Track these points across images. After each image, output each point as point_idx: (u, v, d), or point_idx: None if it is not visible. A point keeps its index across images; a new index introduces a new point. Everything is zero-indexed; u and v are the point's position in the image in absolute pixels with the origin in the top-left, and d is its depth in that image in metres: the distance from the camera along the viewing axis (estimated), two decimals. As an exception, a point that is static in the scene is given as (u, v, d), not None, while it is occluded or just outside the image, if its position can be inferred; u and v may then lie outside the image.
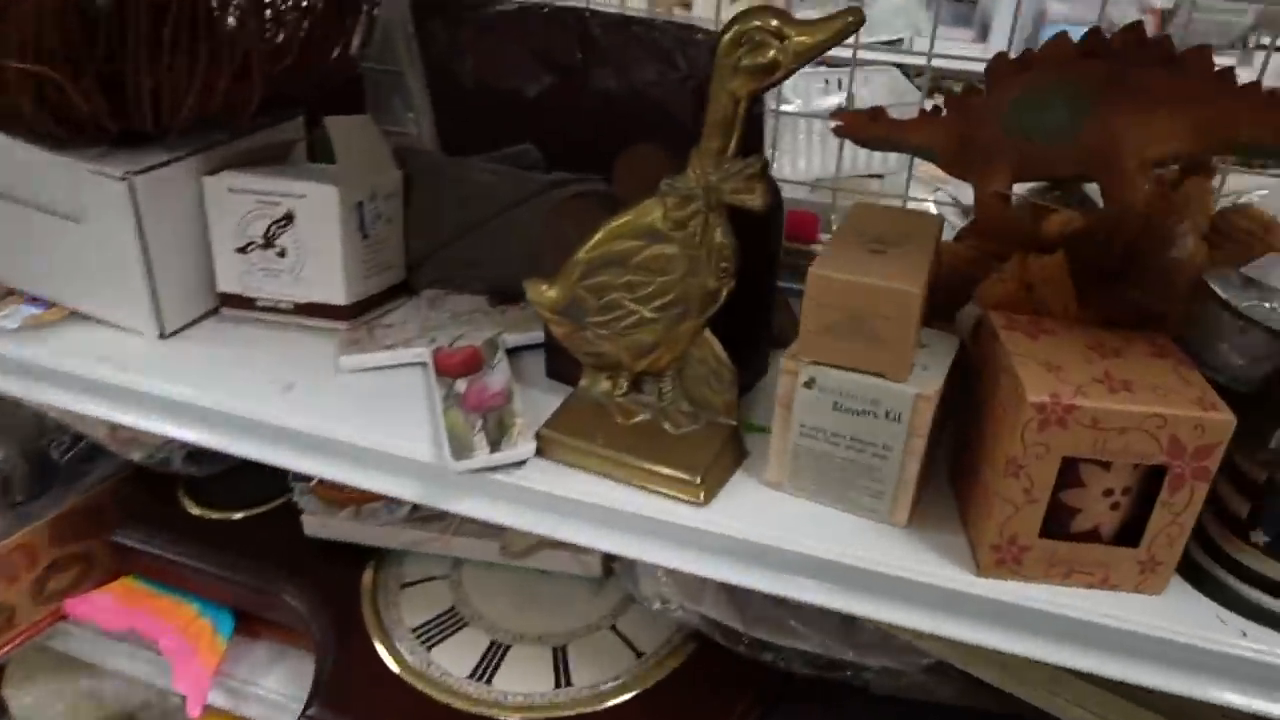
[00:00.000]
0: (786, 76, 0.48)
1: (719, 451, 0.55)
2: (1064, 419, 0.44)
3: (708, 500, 0.53)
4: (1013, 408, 0.45)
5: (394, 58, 0.83)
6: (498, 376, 0.62)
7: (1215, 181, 0.65)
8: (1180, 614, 0.48)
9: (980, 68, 0.66)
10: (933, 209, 0.89)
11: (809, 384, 0.50)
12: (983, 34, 2.50)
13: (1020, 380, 0.44)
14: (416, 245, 0.75)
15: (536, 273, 0.66)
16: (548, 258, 0.63)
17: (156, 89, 0.60)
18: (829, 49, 0.47)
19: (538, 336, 0.68)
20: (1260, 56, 2.14)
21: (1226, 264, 0.59)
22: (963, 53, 2.39)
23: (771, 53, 0.47)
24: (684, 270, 0.53)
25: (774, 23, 0.47)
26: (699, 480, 0.53)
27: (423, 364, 0.66)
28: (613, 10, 0.72)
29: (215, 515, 0.81)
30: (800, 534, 0.51)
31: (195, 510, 0.82)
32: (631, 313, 0.55)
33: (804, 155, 0.88)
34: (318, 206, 0.66)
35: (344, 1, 0.68)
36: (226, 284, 0.70)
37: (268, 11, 0.61)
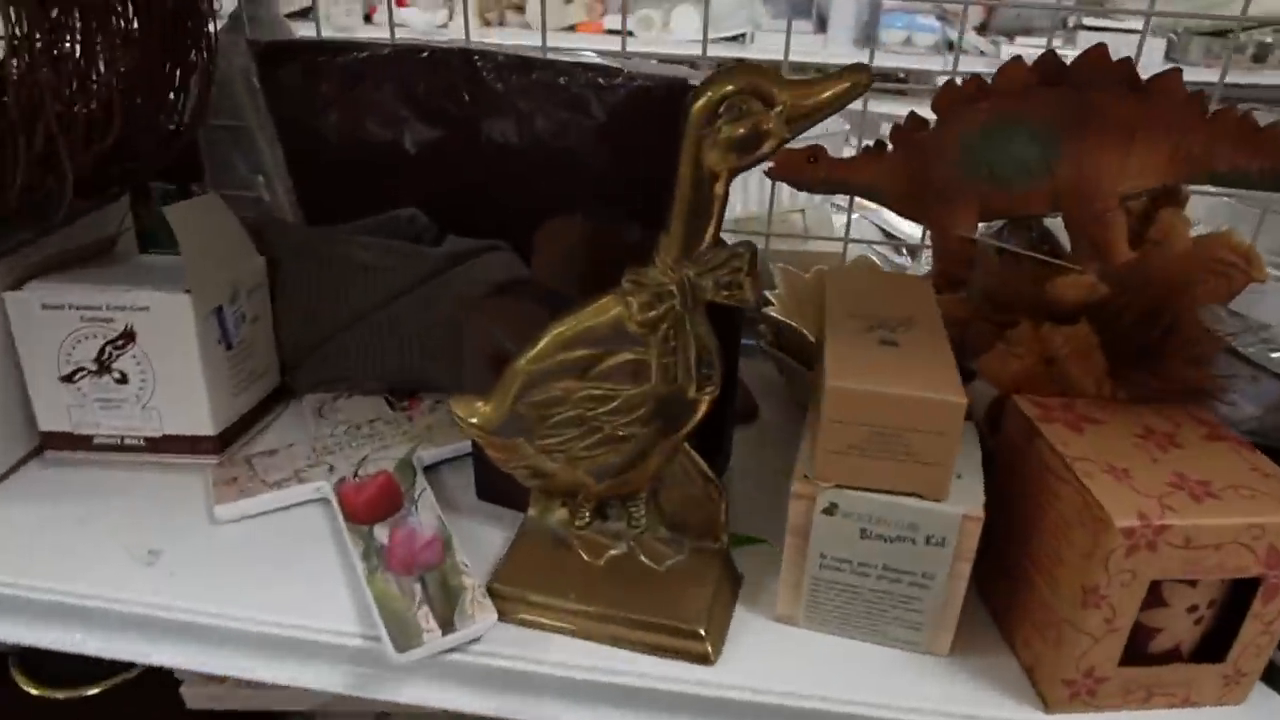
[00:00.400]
0: (778, 149, 0.39)
1: (716, 587, 0.46)
2: (1154, 542, 0.37)
3: (716, 655, 0.44)
4: (1086, 529, 0.38)
5: (234, 110, 0.69)
6: (426, 516, 0.50)
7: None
8: (1266, 725, 0.42)
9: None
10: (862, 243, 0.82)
11: (830, 510, 0.42)
12: (821, 25, 2.49)
13: (1098, 501, 0.37)
14: (292, 342, 0.62)
15: (454, 378, 0.55)
16: (470, 365, 0.52)
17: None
18: (832, 113, 0.39)
19: (461, 447, 0.57)
20: (1082, 36, 2.18)
21: (1209, 300, 0.55)
22: (802, 45, 2.39)
23: (757, 121, 0.38)
24: (658, 379, 0.44)
25: (761, 85, 0.38)
26: (703, 631, 0.44)
27: (323, 500, 0.54)
28: (505, 51, 0.61)
29: (61, 694, 0.66)
30: (833, 683, 0.43)
31: (33, 689, 0.66)
32: (594, 430, 0.45)
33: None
34: (166, 319, 0.53)
35: (173, 56, 0.55)
36: (50, 421, 0.56)
37: (72, 80, 0.47)
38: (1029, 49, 2.32)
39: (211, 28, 0.57)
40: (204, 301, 0.53)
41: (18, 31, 0.43)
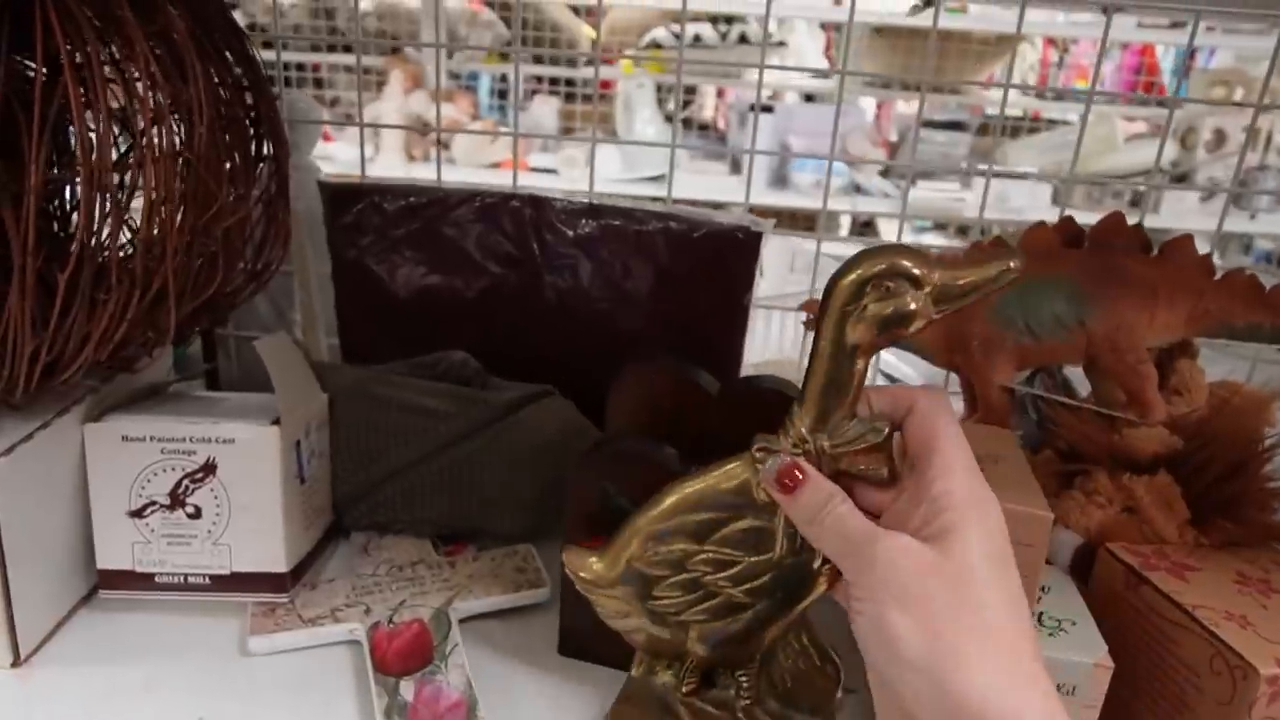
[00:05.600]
0: (924, 327, 0.40)
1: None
2: (1292, 688, 0.38)
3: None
4: (1222, 678, 0.39)
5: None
6: (454, 675, 0.48)
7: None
8: None
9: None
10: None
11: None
12: (735, 167, 2.60)
13: (1235, 650, 0.39)
14: (348, 481, 0.60)
15: (508, 527, 0.56)
16: (574, 516, 0.50)
17: (36, 352, 0.42)
18: (984, 294, 0.39)
19: (501, 601, 0.55)
20: (977, 181, 2.36)
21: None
22: (719, 186, 2.48)
23: (905, 301, 0.39)
24: (783, 549, 0.42)
25: (909, 265, 0.38)
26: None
27: (356, 641, 0.51)
28: (576, 200, 0.62)
29: None
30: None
31: None
32: (711, 595, 0.43)
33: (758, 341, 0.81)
34: (252, 451, 0.51)
35: (276, 195, 0.54)
36: (111, 559, 0.52)
37: (189, 235, 0.45)
38: (929, 191, 2.49)
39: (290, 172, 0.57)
40: (290, 434, 0.51)
41: (154, 191, 0.41)
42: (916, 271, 0.38)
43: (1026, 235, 0.62)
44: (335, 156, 2.38)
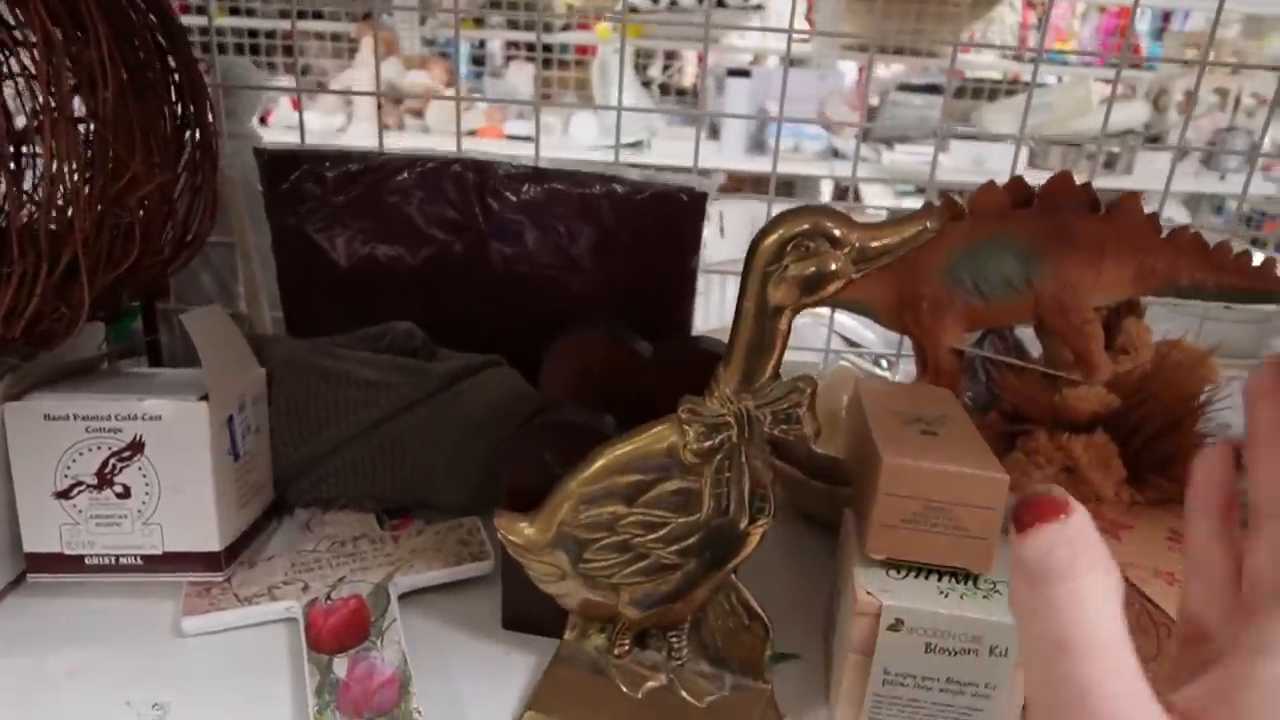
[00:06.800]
0: (844, 287, 0.39)
1: (760, 727, 0.44)
2: (1218, 648, 0.38)
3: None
4: (1149, 636, 0.39)
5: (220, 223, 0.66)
6: (389, 651, 0.47)
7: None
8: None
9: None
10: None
11: (896, 626, 0.41)
12: (714, 133, 2.57)
13: (1160, 606, 0.38)
14: (289, 456, 0.59)
15: (454, 499, 0.56)
16: (512, 485, 0.49)
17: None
18: (901, 253, 0.39)
19: (440, 576, 0.54)
20: (955, 144, 2.31)
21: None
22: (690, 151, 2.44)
23: (824, 261, 0.38)
24: (709, 509, 0.42)
25: (829, 225, 0.38)
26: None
27: (293, 619, 0.50)
28: (520, 164, 0.61)
29: None
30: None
31: None
32: (641, 557, 0.43)
33: (717, 305, 0.80)
34: (180, 428, 0.49)
35: (186, 170, 0.52)
36: (38, 541, 0.50)
37: (97, 203, 0.44)
38: (906, 155, 2.47)
39: (218, 140, 0.55)
40: (219, 410, 0.50)
41: (54, 160, 0.39)
42: (837, 231, 0.38)
43: (976, 195, 0.61)
44: (308, 125, 2.34)
